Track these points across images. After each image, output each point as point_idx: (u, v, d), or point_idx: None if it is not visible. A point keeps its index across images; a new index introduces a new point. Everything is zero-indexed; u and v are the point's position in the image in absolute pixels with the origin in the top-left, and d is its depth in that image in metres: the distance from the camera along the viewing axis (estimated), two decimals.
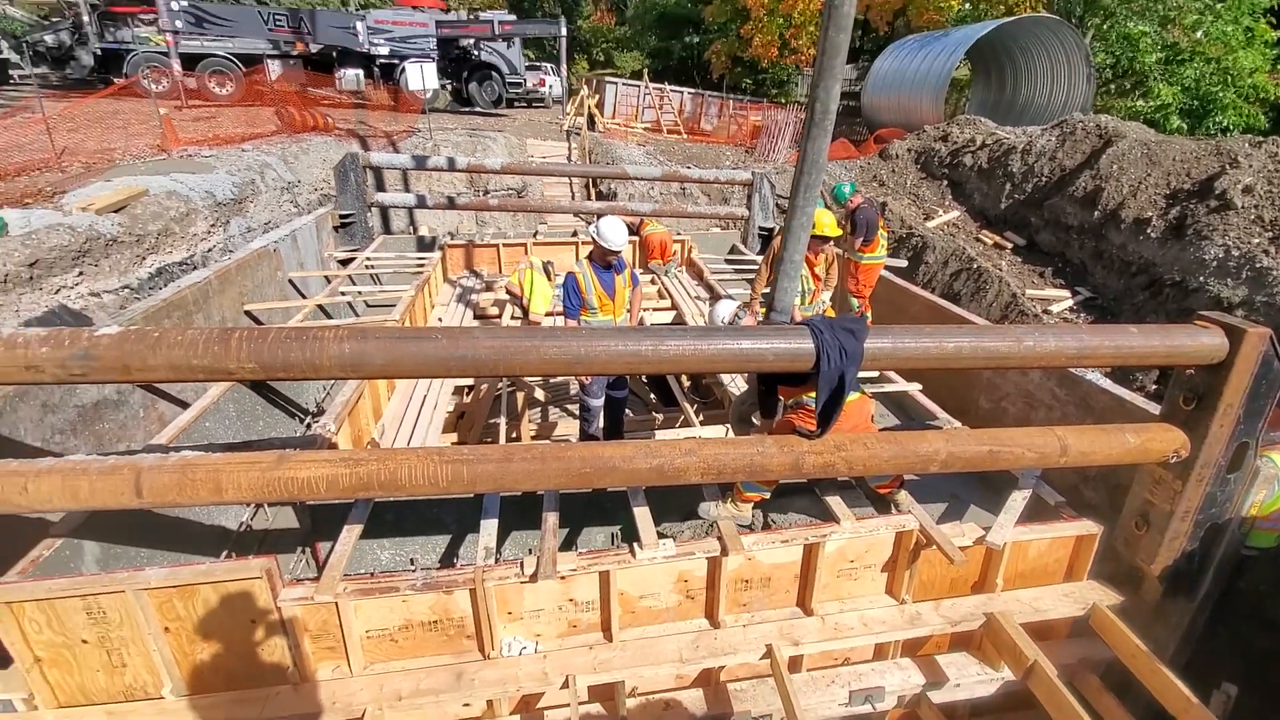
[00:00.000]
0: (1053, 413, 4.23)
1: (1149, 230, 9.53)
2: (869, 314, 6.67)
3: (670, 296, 8.08)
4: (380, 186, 10.95)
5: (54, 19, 18.73)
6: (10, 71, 16.67)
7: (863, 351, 2.68)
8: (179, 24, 16.03)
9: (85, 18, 16.43)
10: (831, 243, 5.52)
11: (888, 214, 12.25)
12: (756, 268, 6.39)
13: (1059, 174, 11.76)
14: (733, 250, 9.91)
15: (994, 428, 3.26)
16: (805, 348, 2.67)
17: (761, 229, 9.55)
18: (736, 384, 5.42)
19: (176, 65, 16.05)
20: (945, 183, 14.38)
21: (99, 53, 16.70)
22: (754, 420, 3.81)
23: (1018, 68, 20.64)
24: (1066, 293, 10.14)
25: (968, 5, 23.75)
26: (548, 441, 5.85)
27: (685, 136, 22.43)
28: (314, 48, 18.43)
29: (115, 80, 15.53)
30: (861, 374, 2.85)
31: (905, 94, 19.68)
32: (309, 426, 4.72)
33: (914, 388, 5.05)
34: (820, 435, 2.87)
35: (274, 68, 17.93)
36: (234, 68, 17.37)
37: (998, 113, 19.16)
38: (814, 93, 2.87)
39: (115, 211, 7.32)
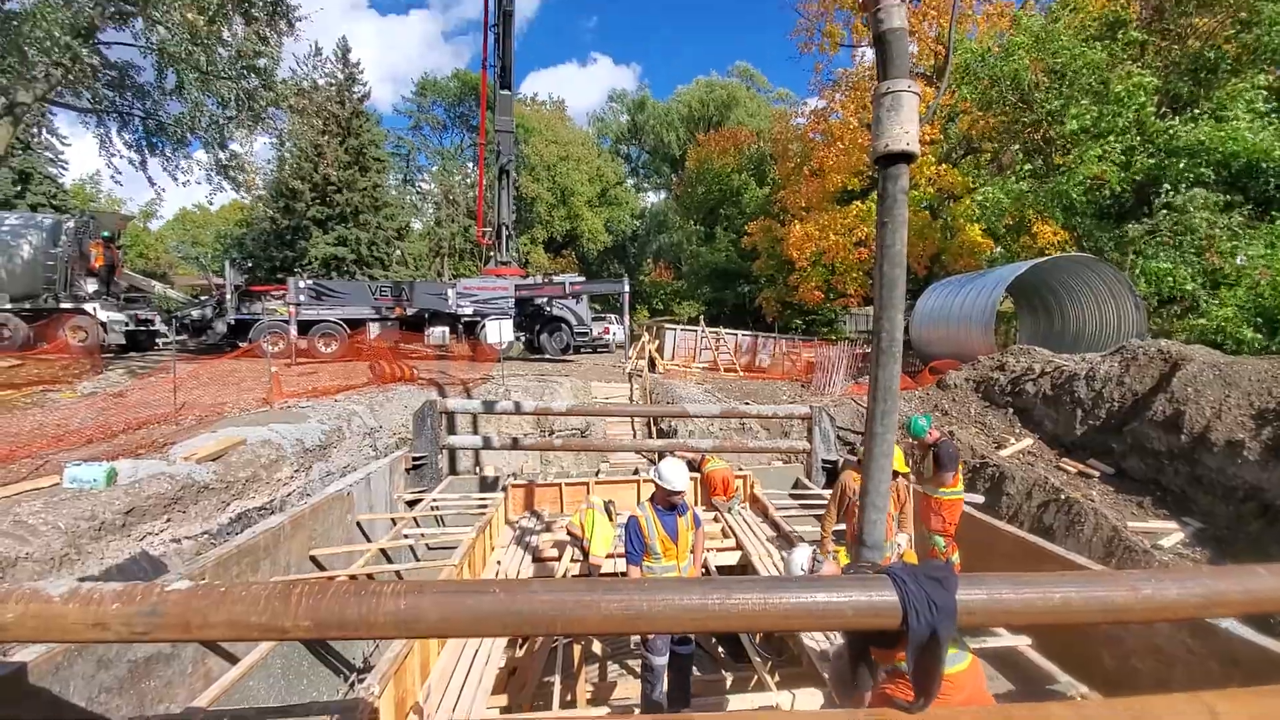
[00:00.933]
0: (1193, 670, 3.59)
1: (1244, 453, 8.88)
2: (956, 555, 6.16)
3: (734, 535, 7.76)
4: (451, 429, 11.62)
5: (202, 297, 22.59)
6: (157, 340, 19.75)
7: (955, 604, 2.40)
8: (302, 298, 19.19)
9: (229, 296, 19.83)
10: (900, 479, 5.32)
11: (956, 443, 11.95)
12: (824, 503, 6.16)
13: (1131, 399, 11.44)
14: (797, 484, 9.69)
15: (1128, 696, 2.73)
16: (888, 600, 2.41)
17: (825, 462, 9.42)
18: (814, 636, 4.90)
19: (294, 331, 18.89)
20: (1010, 410, 14.15)
21: (232, 322, 19.77)
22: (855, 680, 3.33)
23: (1062, 299, 21.24)
24: (1173, 524, 9.19)
25: (999, 250, 25.56)
26: (605, 712, 5.25)
27: (741, 373, 23.53)
28: (410, 311, 21.27)
29: (241, 345, 18.20)
30: None
31: (953, 327, 20.37)
32: (352, 686, 4.44)
33: (1022, 641, 4.44)
34: (922, 708, 2.45)
35: (374, 328, 20.63)
36: (340, 330, 20.13)
37: (1049, 342, 19.35)
38: (878, 324, 2.97)
39: (213, 460, 7.93)
